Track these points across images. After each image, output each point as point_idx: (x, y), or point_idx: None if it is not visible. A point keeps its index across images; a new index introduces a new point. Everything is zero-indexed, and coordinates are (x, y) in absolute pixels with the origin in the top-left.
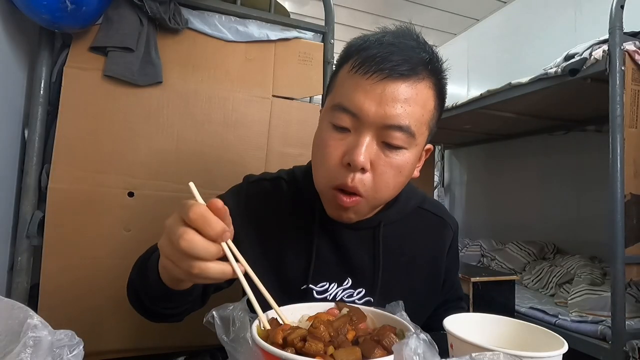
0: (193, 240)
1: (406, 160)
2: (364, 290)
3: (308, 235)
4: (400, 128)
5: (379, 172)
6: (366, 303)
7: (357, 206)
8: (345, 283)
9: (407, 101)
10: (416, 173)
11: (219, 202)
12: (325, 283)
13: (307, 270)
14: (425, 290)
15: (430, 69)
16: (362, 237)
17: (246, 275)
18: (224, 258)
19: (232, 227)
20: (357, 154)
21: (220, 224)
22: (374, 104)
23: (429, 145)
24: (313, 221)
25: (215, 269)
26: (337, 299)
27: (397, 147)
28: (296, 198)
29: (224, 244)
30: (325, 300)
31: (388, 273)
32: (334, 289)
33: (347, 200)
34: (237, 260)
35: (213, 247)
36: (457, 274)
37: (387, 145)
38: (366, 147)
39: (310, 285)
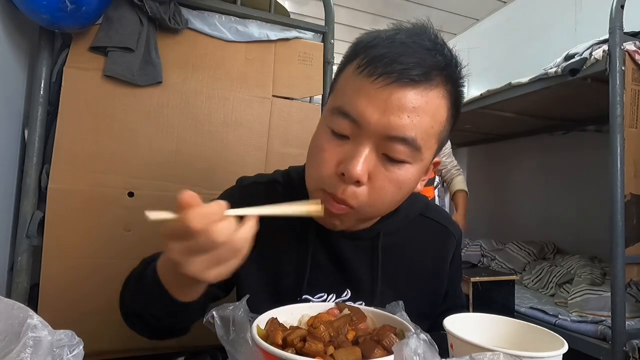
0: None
1: (408, 176)
2: (363, 303)
3: (303, 243)
4: (404, 140)
5: (377, 187)
6: None
7: (344, 215)
8: (344, 295)
9: (414, 110)
10: (419, 187)
11: (186, 194)
12: (323, 294)
13: (302, 280)
14: (426, 302)
15: (446, 74)
16: (360, 247)
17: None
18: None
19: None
20: (353, 165)
21: (210, 207)
22: (378, 111)
23: (438, 159)
24: (309, 228)
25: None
26: None
27: (400, 162)
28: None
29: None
30: None
31: (387, 285)
32: (332, 300)
33: (335, 206)
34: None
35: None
36: (459, 284)
37: (389, 159)
38: (364, 159)
39: (307, 296)
